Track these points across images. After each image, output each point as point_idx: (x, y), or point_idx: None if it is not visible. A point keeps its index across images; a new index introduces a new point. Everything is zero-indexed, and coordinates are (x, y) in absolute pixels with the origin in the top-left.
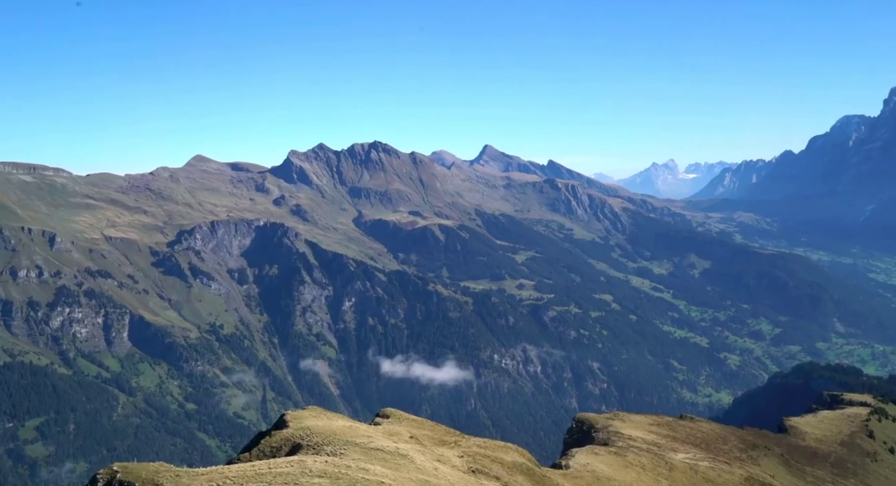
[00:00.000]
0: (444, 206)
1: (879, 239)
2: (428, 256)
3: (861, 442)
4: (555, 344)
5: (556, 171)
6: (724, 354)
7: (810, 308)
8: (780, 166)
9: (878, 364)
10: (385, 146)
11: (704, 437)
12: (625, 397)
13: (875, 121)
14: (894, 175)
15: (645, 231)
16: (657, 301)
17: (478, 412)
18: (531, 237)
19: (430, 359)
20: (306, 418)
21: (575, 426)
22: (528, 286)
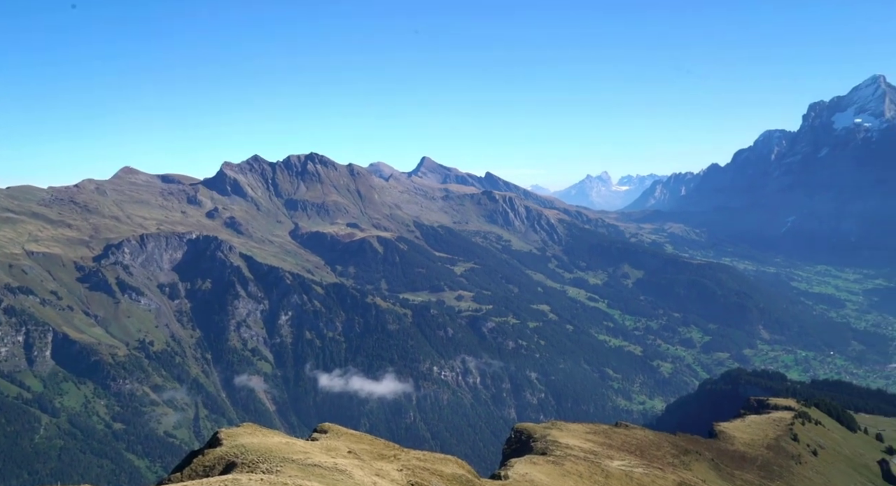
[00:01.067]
0: (383, 218)
1: (800, 249)
2: (366, 268)
3: (786, 445)
4: (493, 355)
5: (494, 183)
6: (656, 361)
7: (737, 316)
8: (708, 179)
9: (800, 369)
10: (322, 158)
11: (639, 444)
12: (562, 407)
13: (795, 135)
14: (813, 188)
15: (580, 242)
16: (593, 311)
17: (417, 424)
18: (470, 249)
19: (369, 372)
20: (241, 435)
21: (513, 437)
22: (466, 298)
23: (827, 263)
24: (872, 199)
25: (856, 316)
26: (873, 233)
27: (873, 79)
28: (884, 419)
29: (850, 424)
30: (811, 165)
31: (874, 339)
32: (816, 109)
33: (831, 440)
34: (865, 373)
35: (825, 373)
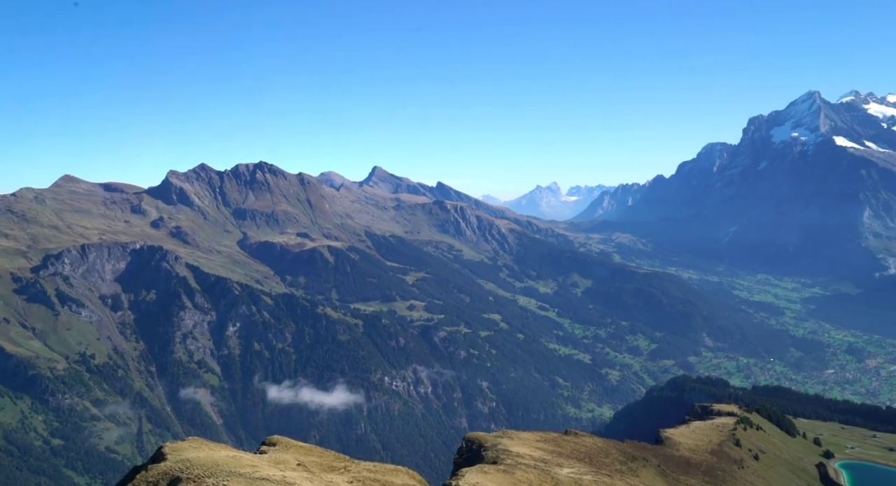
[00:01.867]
0: (334, 227)
1: (741, 259)
2: (317, 278)
3: (729, 450)
4: (445, 364)
5: (445, 192)
6: (605, 369)
7: (682, 324)
8: (654, 190)
9: (742, 376)
10: (271, 167)
11: (588, 451)
12: (513, 415)
13: (736, 148)
14: (753, 199)
15: (531, 252)
16: (543, 320)
17: (368, 435)
18: (421, 258)
19: (320, 383)
20: (186, 449)
21: (465, 446)
22: (418, 307)
23: (767, 272)
24: (809, 210)
25: (794, 324)
26: (810, 243)
27: (809, 94)
28: (821, 424)
29: (789, 429)
30: (751, 177)
31: (811, 346)
32: (756, 122)
33: (772, 445)
34: (803, 379)
35: (765, 379)
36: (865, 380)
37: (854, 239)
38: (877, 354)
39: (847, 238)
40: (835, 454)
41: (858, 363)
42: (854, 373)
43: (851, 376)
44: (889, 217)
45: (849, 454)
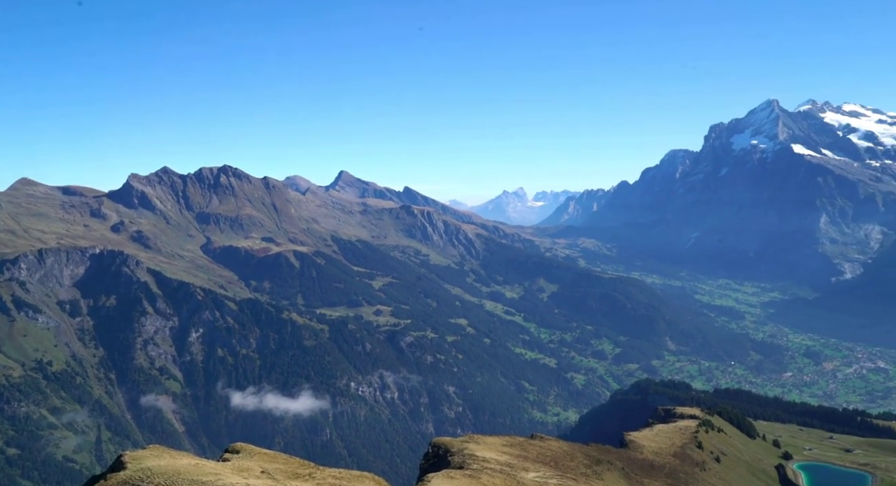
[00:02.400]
0: (299, 232)
1: (703, 264)
2: (282, 283)
3: (691, 453)
4: (412, 369)
5: (412, 197)
6: (570, 373)
7: (646, 328)
8: (618, 196)
9: (704, 379)
10: (235, 171)
11: (553, 455)
12: (479, 420)
13: (698, 155)
14: (715, 205)
15: (497, 256)
16: (509, 324)
17: (333, 441)
18: (388, 263)
19: (285, 389)
20: (147, 458)
21: (431, 451)
22: (385, 312)
23: (728, 277)
24: (768, 216)
25: (754, 327)
26: (769, 248)
27: (768, 103)
28: (780, 426)
29: (749, 431)
30: (713, 183)
31: (770, 349)
32: (717, 130)
33: (733, 447)
34: (763, 382)
35: (727, 382)
36: (822, 382)
37: (811, 245)
38: (833, 357)
39: (805, 244)
40: (793, 456)
41: (816, 366)
42: (812, 376)
43: (809, 378)
44: (844, 223)
45: (807, 456)
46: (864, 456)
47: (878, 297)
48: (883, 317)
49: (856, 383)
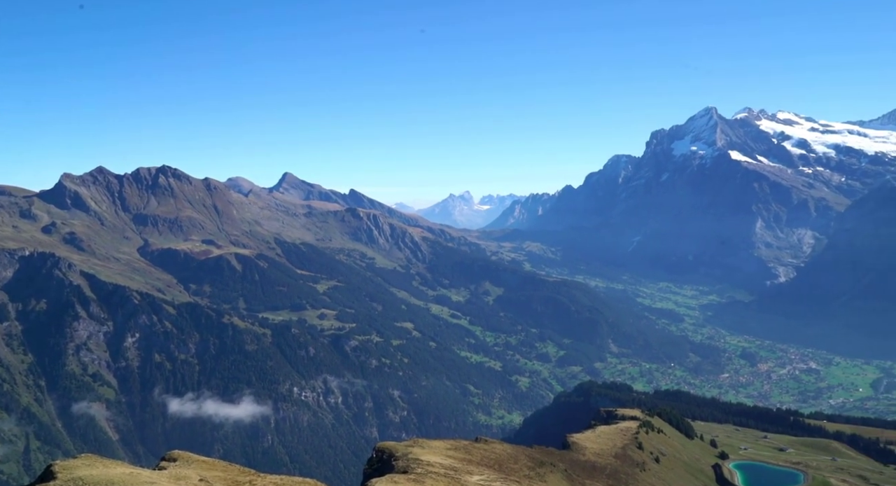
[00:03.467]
0: (241, 234)
1: (645, 267)
2: (223, 286)
3: (632, 454)
4: (356, 374)
5: (358, 200)
6: (515, 376)
7: (589, 331)
8: (562, 200)
9: (645, 381)
10: (175, 171)
11: (497, 458)
12: (424, 424)
13: (639, 160)
14: (656, 210)
15: (444, 260)
16: (455, 328)
17: (275, 448)
18: (333, 266)
19: (225, 395)
20: (78, 467)
21: (375, 456)
22: (329, 316)
23: (668, 280)
24: (706, 221)
25: (693, 330)
26: (707, 252)
27: (707, 110)
28: (717, 426)
29: (688, 431)
30: (654, 188)
31: (708, 351)
32: (658, 136)
33: (672, 447)
34: (701, 383)
35: (666, 384)
36: (758, 383)
37: (747, 249)
38: (768, 358)
39: (741, 248)
40: (729, 455)
41: (751, 367)
42: (747, 377)
43: (745, 379)
44: (779, 228)
45: (742, 455)
46: (797, 455)
47: (810, 300)
48: (814, 319)
49: (789, 383)
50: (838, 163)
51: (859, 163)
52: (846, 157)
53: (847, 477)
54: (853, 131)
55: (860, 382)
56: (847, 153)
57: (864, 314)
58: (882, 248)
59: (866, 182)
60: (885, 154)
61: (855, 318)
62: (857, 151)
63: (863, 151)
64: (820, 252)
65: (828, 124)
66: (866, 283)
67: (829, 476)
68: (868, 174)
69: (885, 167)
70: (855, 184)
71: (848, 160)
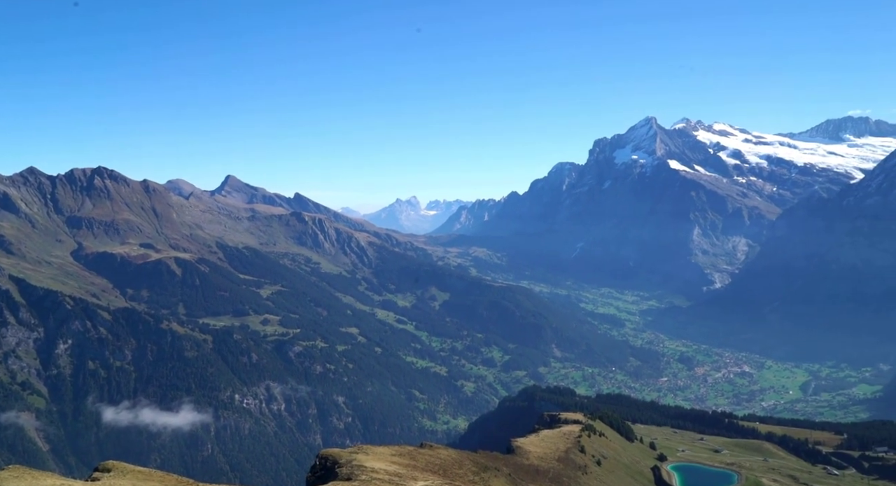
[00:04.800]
0: (182, 238)
1: (588, 273)
2: (162, 291)
3: (574, 457)
4: (300, 380)
5: (303, 204)
6: (460, 381)
7: (534, 336)
8: (508, 206)
9: (587, 385)
10: (112, 173)
11: (442, 463)
12: (369, 430)
13: (583, 168)
14: (598, 217)
15: (390, 265)
16: (401, 333)
17: (215, 456)
18: (277, 271)
19: (163, 403)
20: (6, 479)
21: (318, 463)
22: (273, 321)
23: (610, 285)
24: (647, 227)
25: (633, 334)
26: (648, 258)
27: (647, 120)
28: (656, 429)
29: (628, 434)
30: (597, 195)
31: (648, 355)
32: (600, 145)
33: (613, 450)
34: (641, 386)
35: (608, 387)
36: (695, 387)
37: (685, 255)
38: (704, 362)
39: (679, 254)
40: (668, 457)
41: (689, 371)
42: (685, 380)
43: (682, 383)
44: (715, 236)
45: (680, 457)
46: (731, 456)
47: (744, 305)
48: (747, 325)
49: (724, 386)
50: (770, 173)
51: (789, 173)
52: (777, 167)
53: (778, 477)
54: (784, 143)
55: (790, 385)
56: (778, 164)
57: (793, 319)
58: (810, 255)
59: (796, 192)
60: (813, 165)
61: (785, 323)
62: (787, 162)
63: (793, 161)
64: (753, 259)
65: (760, 136)
66: (796, 289)
67: (761, 476)
68: (798, 184)
69: (814, 178)
70: (786, 193)
71: (779, 171)
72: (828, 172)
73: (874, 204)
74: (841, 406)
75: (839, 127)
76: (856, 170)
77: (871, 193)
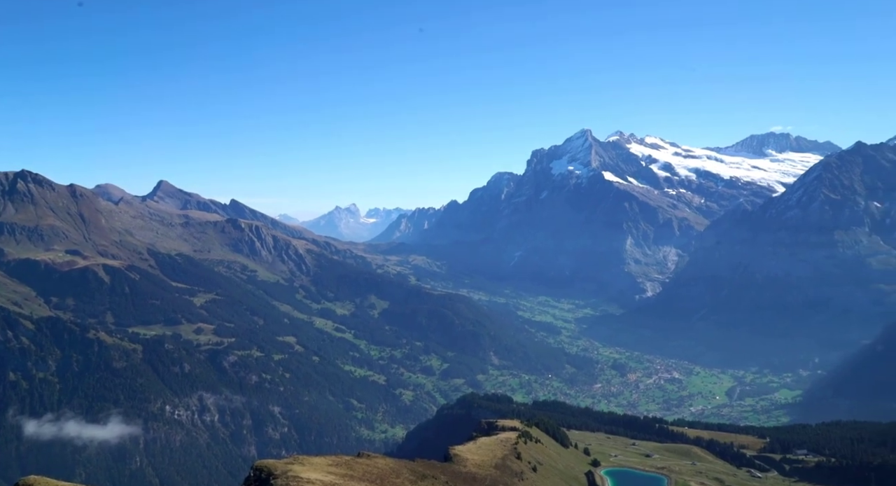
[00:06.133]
0: (111, 244)
1: (525, 281)
2: (89, 300)
3: (511, 464)
4: (235, 390)
5: (240, 211)
6: (399, 390)
7: (472, 344)
8: (448, 214)
9: (524, 392)
10: (36, 176)
11: (380, 472)
12: (305, 440)
13: (521, 178)
14: (536, 226)
15: (329, 273)
16: (340, 342)
17: (144, 469)
18: (212, 279)
19: (89, 415)
20: None
21: (252, 475)
22: (207, 331)
23: (547, 294)
24: (582, 237)
25: (569, 342)
26: (583, 268)
27: (582, 132)
28: (590, 435)
29: (563, 440)
30: (534, 205)
31: (583, 362)
32: (538, 155)
33: (548, 457)
34: (576, 393)
35: (544, 394)
36: (627, 393)
37: (619, 265)
38: (636, 368)
39: (613, 264)
40: (601, 462)
41: (622, 378)
42: (618, 387)
43: (616, 389)
44: (647, 245)
45: (612, 462)
46: (661, 460)
47: (674, 313)
48: (677, 332)
49: (655, 392)
50: (698, 186)
51: (716, 186)
52: (705, 180)
53: (705, 480)
54: (711, 157)
55: (717, 390)
56: (706, 177)
57: (720, 327)
58: (735, 265)
59: (722, 204)
60: (738, 179)
61: (712, 330)
62: (714, 176)
63: (719, 175)
64: (682, 269)
65: (689, 150)
66: (722, 298)
67: (689, 480)
68: (724, 197)
69: (739, 191)
70: (713, 205)
71: (707, 183)
72: (752, 185)
73: (794, 217)
74: (764, 411)
75: (762, 142)
76: (777, 184)
77: (792, 206)
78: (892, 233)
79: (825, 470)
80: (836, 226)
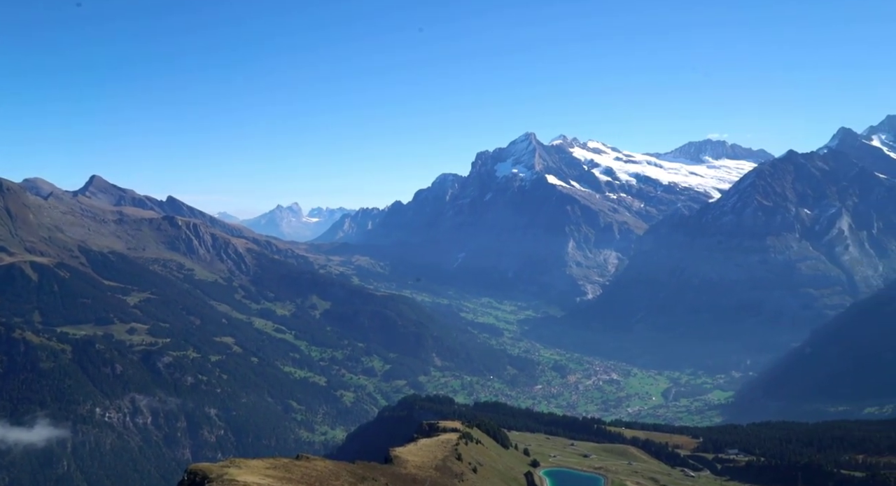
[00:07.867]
0: (39, 241)
1: (469, 283)
2: (15, 298)
3: (452, 465)
4: (169, 392)
5: (177, 208)
6: (340, 391)
7: (415, 345)
8: (392, 215)
9: (466, 393)
10: None
11: (319, 475)
12: (242, 443)
13: (465, 180)
14: (480, 228)
15: (269, 272)
16: (279, 342)
17: (72, 474)
18: (146, 277)
19: (14, 417)
20: None
21: (186, 479)
22: (140, 331)
23: (490, 295)
24: (525, 240)
25: (511, 343)
26: (526, 270)
27: (526, 135)
28: (530, 435)
29: (504, 441)
30: (478, 207)
31: (524, 363)
32: (483, 157)
33: (489, 457)
34: (517, 394)
35: (486, 395)
36: (567, 394)
37: (561, 267)
38: (576, 370)
39: (555, 266)
40: (540, 463)
41: (562, 379)
42: (558, 388)
43: (556, 390)
44: (588, 249)
45: (551, 462)
46: (599, 460)
47: (613, 316)
48: (616, 334)
49: (594, 393)
50: (638, 190)
51: (655, 191)
52: (645, 185)
53: (641, 479)
54: (651, 162)
55: (653, 391)
56: (645, 182)
57: (657, 329)
58: (673, 269)
59: (661, 209)
60: (676, 184)
61: (650, 332)
62: (653, 181)
63: (658, 180)
64: (622, 272)
65: (630, 155)
66: (660, 301)
67: (625, 479)
68: (662, 201)
69: (677, 196)
70: (652, 210)
71: (646, 188)
72: (689, 191)
73: (729, 222)
74: (698, 411)
75: (699, 149)
76: (714, 190)
77: (727, 211)
78: (821, 239)
79: (755, 469)
80: (769, 232)
